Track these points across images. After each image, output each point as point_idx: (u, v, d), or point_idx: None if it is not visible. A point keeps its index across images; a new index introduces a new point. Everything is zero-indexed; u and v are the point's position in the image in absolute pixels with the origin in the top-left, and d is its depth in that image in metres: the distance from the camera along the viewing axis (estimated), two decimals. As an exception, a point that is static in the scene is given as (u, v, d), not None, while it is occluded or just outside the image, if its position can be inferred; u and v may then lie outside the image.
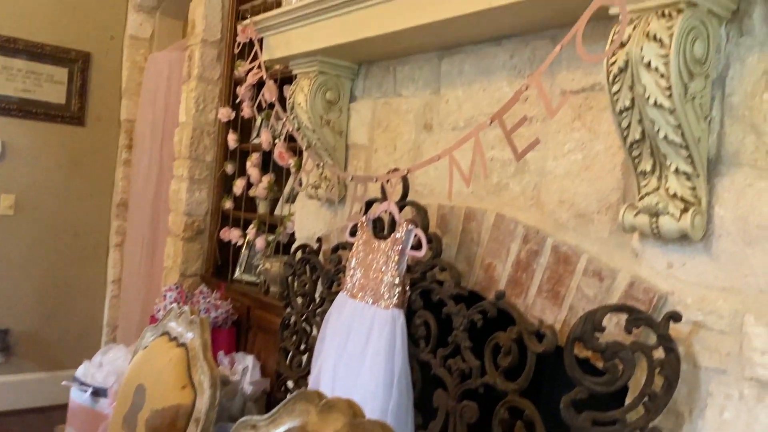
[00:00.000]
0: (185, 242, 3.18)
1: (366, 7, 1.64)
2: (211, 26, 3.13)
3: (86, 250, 3.91)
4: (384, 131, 1.93)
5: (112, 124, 3.94)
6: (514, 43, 1.54)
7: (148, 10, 3.96)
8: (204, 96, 3.17)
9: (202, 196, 3.21)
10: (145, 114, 3.65)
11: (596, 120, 1.34)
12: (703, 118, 1.12)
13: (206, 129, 3.19)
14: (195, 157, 3.17)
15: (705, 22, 1.08)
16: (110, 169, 3.96)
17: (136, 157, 3.75)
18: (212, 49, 3.16)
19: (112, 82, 3.93)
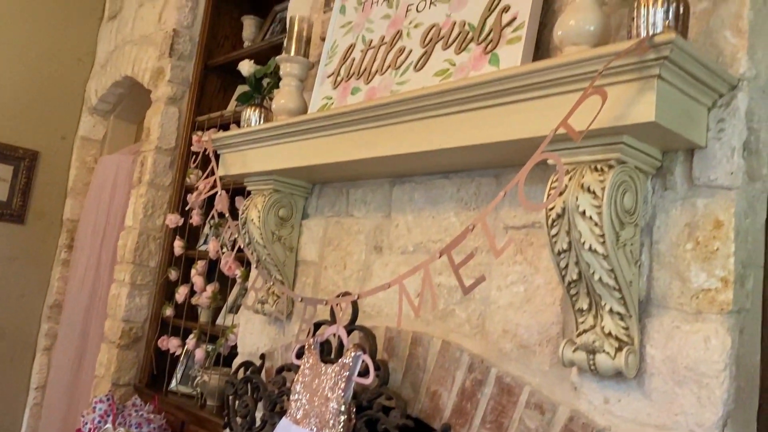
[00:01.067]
0: (120, 350, 3.06)
1: (322, 136, 1.73)
2: (166, 134, 3.19)
3: (11, 352, 3.70)
4: (335, 249, 1.97)
5: (53, 223, 3.87)
6: (461, 177, 1.64)
7: (102, 114, 4.02)
8: (153, 202, 3.17)
9: (143, 302, 3.13)
10: (90, 215, 3.61)
11: (537, 255, 1.42)
12: (634, 263, 1.21)
13: (152, 234, 3.17)
14: (139, 263, 3.13)
15: (633, 177, 1.20)
16: (47, 268, 3.84)
17: (75, 257, 3.67)
18: (165, 156, 3.21)
19: (59, 181, 3.90)
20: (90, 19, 4.07)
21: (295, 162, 1.84)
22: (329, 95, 1.93)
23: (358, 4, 1.97)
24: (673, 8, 1.13)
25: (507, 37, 1.47)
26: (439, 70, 1.62)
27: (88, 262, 3.48)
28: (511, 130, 1.27)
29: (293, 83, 2.02)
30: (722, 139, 1.17)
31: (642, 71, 1.06)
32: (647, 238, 1.24)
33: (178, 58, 3.24)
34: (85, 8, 4.05)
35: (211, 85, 3.34)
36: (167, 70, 3.23)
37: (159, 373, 3.06)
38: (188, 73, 3.28)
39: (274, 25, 3.13)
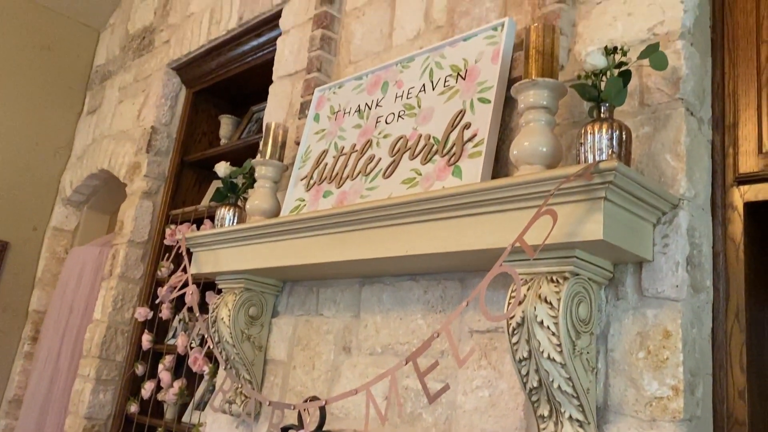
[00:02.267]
0: (81, 449, 2.96)
1: (294, 238, 1.79)
2: (139, 228, 3.23)
3: (-38, 452, 3.54)
4: (303, 349, 1.99)
5: (18, 315, 3.81)
6: (428, 280, 1.71)
7: (75, 204, 4.05)
8: (123, 295, 3.16)
9: (107, 398, 3.06)
10: (57, 306, 3.57)
11: (500, 360, 1.47)
12: (591, 371, 1.26)
13: (121, 328, 3.14)
14: (105, 357, 3.08)
15: (587, 288, 1.27)
16: (8, 362, 3.74)
17: (39, 350, 3.59)
18: (138, 249, 3.23)
19: (27, 271, 3.87)
20: (69, 113, 4.17)
21: (267, 262, 1.88)
22: (302, 197, 2.01)
23: (331, 113, 2.09)
24: (617, 135, 1.24)
25: (468, 151, 1.58)
26: (406, 178, 1.71)
27: (51, 355, 3.41)
28: (473, 241, 1.35)
29: (267, 185, 2.10)
30: (667, 253, 1.26)
31: (590, 193, 1.16)
32: (603, 346, 1.30)
33: (155, 153, 3.33)
34: (66, 102, 4.16)
35: (186, 180, 3.41)
36: (144, 165, 3.30)
37: (120, 475, 2.95)
38: (164, 168, 3.36)
39: (250, 125, 3.26)
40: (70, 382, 3.24)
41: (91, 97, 4.19)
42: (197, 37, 3.20)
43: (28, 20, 4.00)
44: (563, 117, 1.50)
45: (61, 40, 4.14)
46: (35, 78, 4.01)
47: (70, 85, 4.17)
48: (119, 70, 3.93)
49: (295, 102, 2.38)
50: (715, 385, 1.25)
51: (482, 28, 1.70)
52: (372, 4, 2.19)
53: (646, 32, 1.39)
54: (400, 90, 1.86)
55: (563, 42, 1.52)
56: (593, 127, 1.26)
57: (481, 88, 1.62)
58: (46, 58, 4.07)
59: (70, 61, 4.18)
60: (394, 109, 1.85)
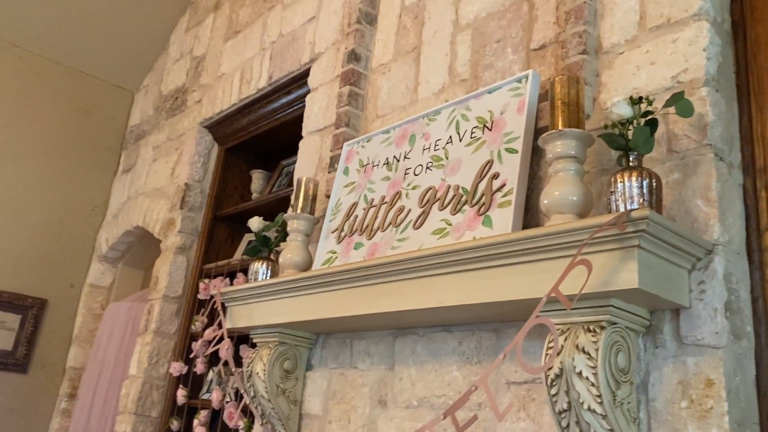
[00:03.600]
0: None
1: (326, 291, 1.81)
2: (173, 283, 3.28)
3: None
4: (338, 403, 1.98)
5: (55, 372, 3.86)
6: (462, 330, 1.70)
7: (111, 261, 4.14)
8: (158, 350, 3.19)
9: (143, 456, 3.06)
10: (94, 363, 3.61)
11: (539, 411, 1.45)
12: (632, 421, 1.24)
13: (156, 383, 3.16)
14: (141, 413, 3.09)
15: (625, 336, 1.26)
16: (46, 418, 3.78)
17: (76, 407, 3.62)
18: (172, 304, 3.27)
19: (64, 328, 3.95)
20: (105, 172, 4.31)
21: (300, 316, 1.90)
22: (333, 249, 2.04)
23: (360, 166, 2.13)
24: (647, 183, 1.25)
25: (498, 201, 1.60)
26: (437, 228, 1.73)
27: (89, 412, 3.43)
28: (506, 292, 1.35)
29: (299, 238, 2.13)
30: (704, 299, 1.24)
31: (623, 242, 1.16)
32: (643, 396, 1.28)
33: (188, 209, 3.41)
34: (102, 162, 4.30)
35: (219, 234, 3.47)
36: (178, 221, 3.38)
37: None
38: (198, 223, 3.43)
39: (281, 179, 3.33)
40: (107, 439, 3.25)
41: (126, 156, 4.33)
42: (228, 96, 3.31)
43: (66, 85, 4.19)
44: (591, 165, 1.52)
45: (97, 103, 4.32)
46: (73, 139, 4.16)
47: (106, 146, 4.32)
48: (153, 129, 4.07)
49: (324, 156, 2.44)
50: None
51: (507, 81, 1.74)
52: (397, 60, 2.25)
53: (670, 80, 1.41)
54: (428, 142, 1.90)
55: (588, 92, 1.55)
56: (623, 175, 1.27)
57: (508, 139, 1.65)
58: (83, 120, 4.23)
59: (105, 123, 4.34)
60: (422, 161, 1.89)
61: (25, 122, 3.97)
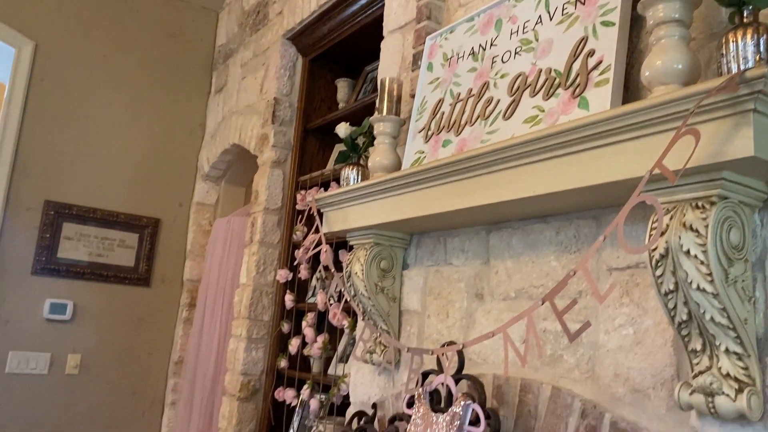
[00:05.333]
0: (241, 402, 3.22)
1: (416, 190, 1.80)
2: (272, 195, 3.39)
3: (143, 407, 3.98)
4: (436, 298, 2.01)
5: (175, 285, 4.17)
6: (559, 220, 1.65)
7: (214, 179, 4.32)
8: (264, 259, 3.36)
9: (259, 355, 3.29)
10: (208, 274, 3.86)
11: (644, 296, 1.39)
12: (748, 300, 1.17)
13: (265, 290, 3.35)
14: (253, 317, 3.30)
15: (738, 211, 1.17)
16: (171, 326, 4.13)
17: (196, 315, 3.92)
18: (273, 215, 3.40)
19: (178, 245, 4.21)
20: (200, 94, 4.43)
21: (393, 216, 1.91)
22: (421, 149, 2.01)
23: (444, 60, 2.05)
24: (764, 40, 1.11)
25: (594, 80, 1.49)
26: (528, 117, 1.65)
27: (207, 319, 3.71)
28: (605, 173, 1.28)
29: (387, 141, 2.11)
30: (833, 166, 1.12)
31: (736, 107, 1.05)
32: (760, 273, 1.19)
33: (279, 124, 3.46)
34: (195, 84, 4.42)
35: (310, 147, 3.52)
36: (270, 136, 3.45)
37: (276, 424, 3.18)
38: (289, 137, 3.49)
39: (365, 85, 3.29)
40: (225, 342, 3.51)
41: (217, 76, 4.42)
42: (308, 3, 3.26)
43: (154, 11, 4.27)
44: (699, 30, 1.37)
45: (184, 26, 4.39)
46: (166, 64, 4.29)
47: (198, 68, 4.43)
48: (239, 47, 4.10)
49: (407, 55, 2.36)
50: None
51: (599, -54, 1.58)
52: (478, -59, 2.10)
53: None
54: (515, 25, 1.79)
55: (694, -54, 1.38)
56: (735, 34, 1.13)
57: (604, 11, 1.52)
58: (173, 45, 4.33)
59: (195, 45, 4.43)
60: (510, 47, 1.78)
61: (121, 51, 4.12)
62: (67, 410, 3.71)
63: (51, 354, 3.71)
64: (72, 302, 3.79)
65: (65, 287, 3.79)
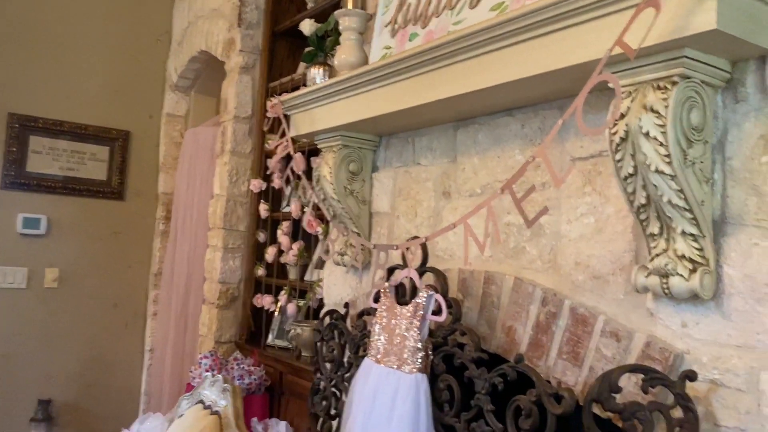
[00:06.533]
0: (220, 310, 3.26)
1: (383, 85, 1.75)
2: (242, 103, 3.31)
3: (125, 320, 4.03)
4: (405, 199, 2.00)
5: (149, 198, 4.13)
6: (525, 113, 1.62)
7: (183, 90, 4.20)
8: (237, 169, 3.31)
9: (236, 264, 3.31)
10: (181, 187, 3.82)
11: (605, 184, 1.39)
12: (705, 182, 1.16)
13: (239, 200, 3.33)
14: (229, 227, 3.30)
15: (700, 92, 1.14)
16: (148, 240, 4.12)
17: (172, 228, 3.91)
18: (244, 124, 3.33)
19: (150, 157, 4.14)
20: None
21: (361, 114, 1.87)
22: (388, 44, 1.94)
23: (410, -52, 1.94)
24: None
25: (561, -38, 1.42)
26: (494, 4, 1.58)
27: (184, 231, 3.70)
28: (569, 56, 1.24)
29: (353, 37, 2.04)
30: (797, 41, 1.09)
31: (699, -23, 1.00)
32: (719, 155, 1.18)
33: (246, 27, 3.33)
34: (158, -11, 4.21)
35: (280, 51, 3.41)
36: (237, 40, 3.32)
37: (257, 330, 3.25)
38: (257, 41, 3.36)
39: (335, -17, 3.14)
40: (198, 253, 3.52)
41: (181, -20, 4.20)
42: None
43: None
44: None
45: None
46: (126, -32, 4.06)
47: (160, -28, 4.20)
48: (202, -53, 3.88)
49: (374, -55, 2.24)
50: None
51: None
52: None
53: None
54: None
55: None
56: None
57: None
58: (132, -53, 4.09)
59: (155, -54, 4.18)
60: (476, -70, 1.68)
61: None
62: (49, 323, 3.75)
63: (28, 269, 3.70)
64: (46, 217, 3.75)
65: (38, 202, 3.74)
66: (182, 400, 1.76)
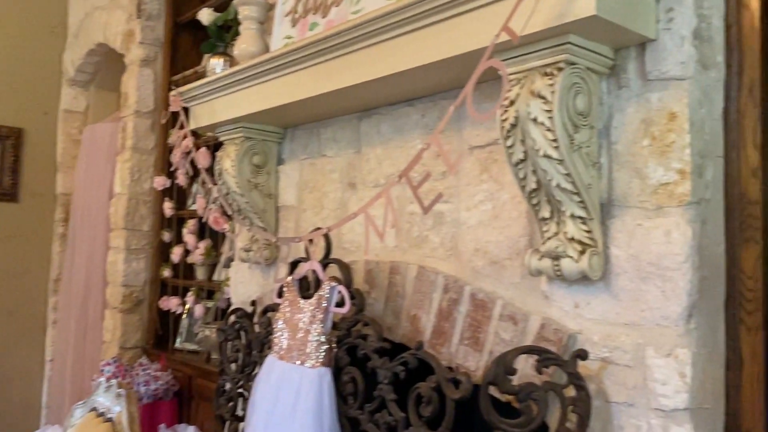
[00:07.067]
0: (124, 314, 3.11)
1: (284, 75, 1.71)
2: (143, 97, 3.17)
3: (22, 328, 3.78)
4: (311, 191, 1.97)
5: (47, 199, 3.89)
6: (425, 103, 1.62)
7: (82, 84, 3.98)
8: (139, 166, 3.17)
9: (140, 266, 3.17)
10: (81, 186, 3.62)
11: (501, 171, 1.41)
12: (592, 166, 1.20)
13: (142, 198, 3.18)
14: (131, 227, 3.15)
15: (585, 78, 1.17)
16: (46, 244, 3.88)
17: (71, 230, 3.69)
18: (146, 119, 3.19)
19: (47, 156, 3.90)
20: (57, -12, 3.99)
21: (261, 105, 1.82)
22: (289, 34, 1.89)
23: (309, -64, 1.91)
24: None
25: (455, -49, 1.42)
26: (392, -6, 1.57)
27: (83, 233, 3.51)
28: (460, 44, 1.25)
29: (253, 26, 1.99)
30: (672, 29, 1.14)
31: (578, -37, 1.03)
32: (605, 140, 1.22)
33: (146, 18, 3.18)
34: (52, -24, 3.96)
35: (184, 43, 3.28)
36: (137, 32, 3.18)
37: (164, 333, 3.12)
38: (159, 32, 3.23)
39: (238, -27, 3.05)
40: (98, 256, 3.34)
41: (76, -32, 3.98)
42: None
43: None
44: None
45: None
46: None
47: (53, -41, 3.96)
48: (97, -67, 3.69)
49: (273, -66, 2.19)
50: (728, 166, 1.17)
51: None
52: None
53: None
54: None
55: None
56: None
57: None
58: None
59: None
60: None
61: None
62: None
63: None
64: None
65: None
66: (75, 408, 1.66)
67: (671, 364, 1.10)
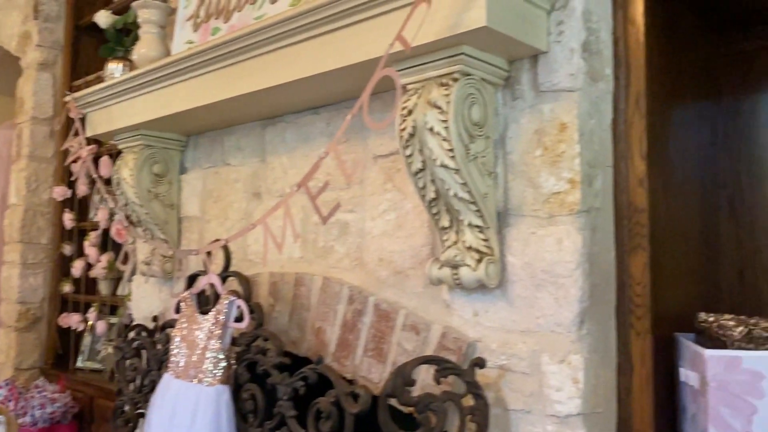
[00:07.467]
0: (19, 333, 2.92)
1: (184, 80, 1.65)
2: (41, 103, 2.99)
3: None
4: (215, 201, 1.91)
5: (-66, 211, 3.60)
6: (330, 111, 1.60)
7: (-27, 88, 3.72)
8: (36, 175, 2.99)
9: (38, 282, 2.98)
10: (-28, 197, 3.38)
11: (404, 181, 1.40)
12: (488, 175, 1.21)
13: (40, 210, 3.00)
14: (28, 240, 2.96)
15: (480, 89, 1.18)
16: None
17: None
18: (44, 126, 3.01)
19: (-67, 164, 3.61)
20: (-54, -14, 3.72)
21: (161, 111, 1.75)
22: (191, 39, 1.83)
23: (211, -60, 1.85)
24: None
25: (355, -41, 1.41)
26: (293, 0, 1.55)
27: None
28: (359, 52, 1.24)
29: (153, 30, 1.91)
30: (562, 41, 1.17)
31: (469, -26, 1.03)
32: (501, 150, 1.24)
33: (44, 20, 3.02)
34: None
35: (86, 47, 3.12)
36: (34, 34, 3.00)
37: (64, 352, 2.94)
38: (58, 35, 3.06)
39: (143, -24, 2.94)
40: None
41: (-33, -36, 3.72)
42: None
43: None
44: None
45: None
46: None
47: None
48: (-9, -72, 3.47)
49: (176, -65, 2.11)
50: (616, 175, 1.21)
51: None
52: None
53: None
54: None
55: None
56: None
57: None
58: None
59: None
60: (274, -77, 1.64)
61: None
62: None
63: None
64: None
65: None
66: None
67: (565, 370, 1.12)
